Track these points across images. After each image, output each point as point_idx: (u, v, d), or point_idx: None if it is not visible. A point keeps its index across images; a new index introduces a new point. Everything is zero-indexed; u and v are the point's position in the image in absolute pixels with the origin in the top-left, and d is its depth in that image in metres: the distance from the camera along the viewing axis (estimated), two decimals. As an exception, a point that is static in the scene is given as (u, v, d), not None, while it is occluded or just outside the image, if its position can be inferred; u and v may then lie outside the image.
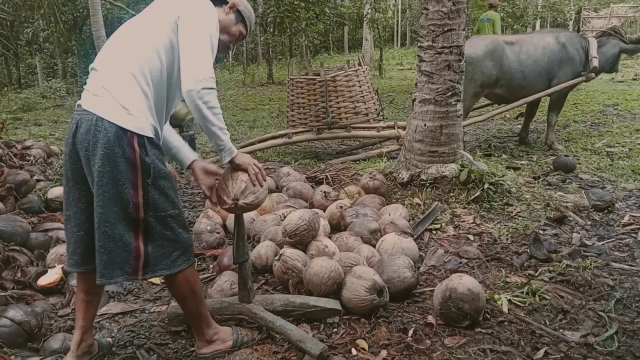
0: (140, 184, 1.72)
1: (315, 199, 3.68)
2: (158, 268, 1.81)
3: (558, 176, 4.65)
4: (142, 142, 1.71)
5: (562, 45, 5.54)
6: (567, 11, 20.47)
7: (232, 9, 2.07)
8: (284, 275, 2.58)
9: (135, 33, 1.84)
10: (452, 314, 2.22)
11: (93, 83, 1.80)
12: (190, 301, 1.95)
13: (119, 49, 1.82)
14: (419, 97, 3.90)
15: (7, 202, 3.42)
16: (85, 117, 1.72)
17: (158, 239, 1.80)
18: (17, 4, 14.76)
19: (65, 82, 14.35)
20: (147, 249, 1.78)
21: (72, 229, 1.84)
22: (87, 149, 1.69)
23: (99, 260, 1.75)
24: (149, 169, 1.73)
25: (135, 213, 1.73)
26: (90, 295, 1.95)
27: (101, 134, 1.67)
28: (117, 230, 1.72)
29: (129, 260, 1.75)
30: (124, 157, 1.68)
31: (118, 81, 1.74)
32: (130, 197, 1.71)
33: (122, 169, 1.69)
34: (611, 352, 2.05)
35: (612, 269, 2.78)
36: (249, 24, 2.14)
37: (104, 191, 1.69)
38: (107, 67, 1.80)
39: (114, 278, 1.76)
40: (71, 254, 1.86)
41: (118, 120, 1.69)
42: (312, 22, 14.35)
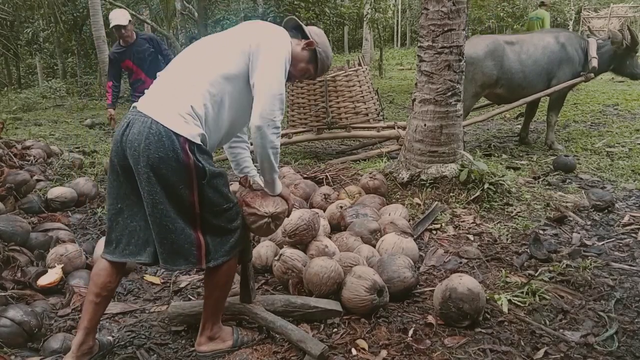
0: (196, 184, 1.81)
1: (315, 201, 3.68)
2: (219, 255, 1.92)
3: (558, 176, 4.65)
4: (192, 148, 1.78)
5: (562, 45, 5.55)
6: (567, 11, 20.46)
7: (309, 46, 2.09)
8: (284, 275, 2.58)
9: (210, 54, 1.93)
10: (452, 314, 2.22)
11: (156, 90, 1.90)
12: (221, 292, 2.04)
13: (190, 64, 1.92)
14: (419, 97, 3.90)
15: (7, 202, 3.42)
16: (139, 118, 1.80)
17: (215, 230, 1.91)
18: (17, 4, 14.76)
19: (65, 82, 14.33)
20: (206, 239, 1.89)
21: (124, 220, 1.91)
22: (137, 149, 1.75)
23: (162, 249, 1.86)
24: (203, 171, 1.81)
25: (192, 210, 1.83)
26: (101, 297, 1.96)
27: (155, 137, 1.74)
28: (178, 224, 1.82)
29: (192, 251, 1.86)
30: (178, 160, 1.76)
31: (178, 93, 1.83)
32: (186, 196, 1.80)
33: (177, 172, 1.77)
34: (611, 352, 2.05)
35: (612, 269, 2.78)
36: (321, 67, 2.16)
37: (159, 189, 1.77)
38: (173, 79, 1.90)
39: (178, 266, 1.89)
40: (126, 244, 1.92)
41: (173, 125, 1.76)
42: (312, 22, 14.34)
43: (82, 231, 3.55)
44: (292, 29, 2.15)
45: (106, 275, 1.95)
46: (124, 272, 2.13)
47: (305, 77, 2.23)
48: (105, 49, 9.24)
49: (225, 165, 5.49)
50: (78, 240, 3.29)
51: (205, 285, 2.05)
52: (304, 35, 2.11)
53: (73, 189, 3.92)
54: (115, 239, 1.94)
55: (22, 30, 15.69)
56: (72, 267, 2.82)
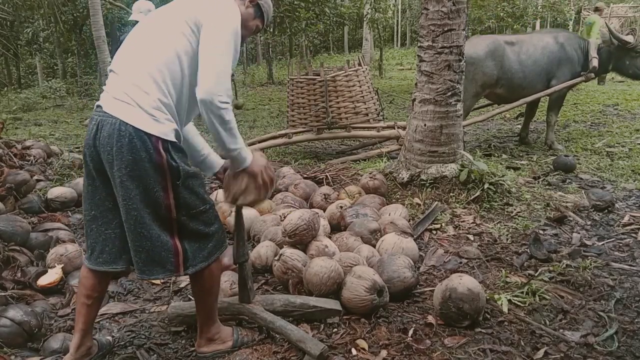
0: (170, 186, 1.74)
1: (315, 201, 3.68)
2: (197, 261, 1.86)
3: (558, 176, 4.65)
4: (166, 147, 1.72)
5: (561, 45, 5.56)
6: (567, 11, 20.45)
7: (252, 2, 2.02)
8: (284, 275, 2.58)
9: (156, 34, 1.82)
10: (452, 314, 2.22)
11: (114, 86, 1.79)
12: (209, 296, 2.00)
13: (139, 51, 1.81)
14: (419, 97, 3.90)
15: (7, 202, 3.42)
16: (107, 120, 1.71)
17: (192, 235, 1.84)
18: (17, 4, 14.75)
19: (65, 82, 14.33)
20: (184, 245, 1.82)
21: (99, 228, 1.84)
22: (110, 153, 1.69)
23: (137, 258, 1.79)
24: (177, 171, 1.74)
25: (168, 213, 1.76)
26: (92, 299, 1.93)
27: (126, 139, 1.67)
28: (153, 231, 1.75)
29: (169, 258, 1.80)
30: (151, 161, 1.69)
31: (140, 86, 1.73)
32: (161, 199, 1.74)
33: (151, 173, 1.70)
34: (611, 352, 2.05)
35: (612, 269, 2.78)
36: (267, 17, 2.09)
37: (134, 194, 1.70)
38: (127, 71, 1.78)
39: (154, 274, 1.82)
40: (99, 252, 1.85)
41: (143, 125, 1.69)
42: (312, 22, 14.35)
43: (82, 231, 3.55)
44: None
45: (92, 278, 1.92)
46: (110, 275, 2.03)
47: (255, 33, 2.13)
48: (105, 49, 9.23)
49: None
50: (78, 240, 3.29)
51: (193, 292, 2.03)
52: None
53: (73, 189, 3.92)
54: (91, 246, 1.87)
55: (22, 30, 15.68)
56: (72, 267, 2.82)
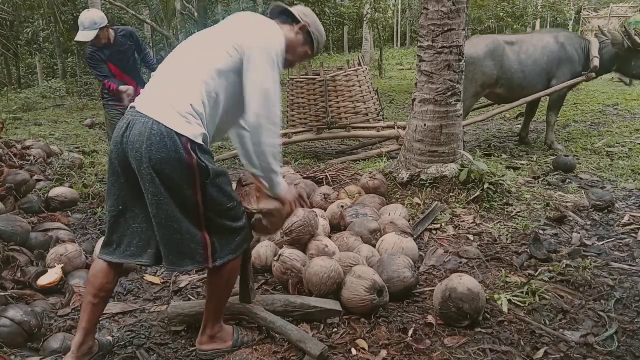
0: (199, 184, 1.79)
1: (315, 201, 3.68)
2: (225, 254, 1.91)
3: (558, 176, 4.65)
4: (194, 148, 1.77)
5: (561, 45, 5.55)
6: (567, 11, 20.44)
7: (302, 30, 2.08)
8: (284, 275, 2.58)
9: (200, 50, 1.92)
10: (452, 314, 2.22)
11: (153, 90, 1.89)
12: (224, 291, 2.04)
13: (183, 62, 1.91)
14: (419, 97, 3.90)
15: (7, 202, 3.42)
16: (139, 119, 1.78)
17: (220, 230, 1.90)
18: (17, 4, 14.74)
19: (65, 82, 14.32)
20: (212, 239, 1.88)
21: (126, 221, 1.90)
22: (139, 151, 1.74)
23: (167, 250, 1.85)
24: (207, 170, 1.80)
25: (197, 210, 1.83)
26: (99, 298, 1.95)
27: (157, 137, 1.73)
28: (184, 224, 1.81)
29: (198, 251, 1.86)
30: (181, 160, 1.74)
31: (178, 92, 1.81)
32: (190, 196, 1.80)
33: (180, 172, 1.76)
34: (611, 352, 2.05)
35: (612, 269, 2.78)
36: (317, 46, 2.15)
37: (163, 190, 1.76)
38: (169, 78, 1.89)
39: (184, 266, 1.89)
40: (127, 245, 1.92)
41: (175, 126, 1.75)
42: (312, 22, 14.34)
43: (82, 231, 3.56)
44: (279, 15, 2.11)
45: (103, 277, 1.95)
46: (121, 273, 2.11)
47: (306, 59, 2.21)
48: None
49: (225, 165, 5.49)
50: (78, 240, 3.29)
51: (208, 285, 2.05)
52: (294, 19, 2.08)
53: (74, 190, 3.93)
54: (117, 240, 1.93)
55: (22, 30, 15.67)
56: (72, 267, 2.82)
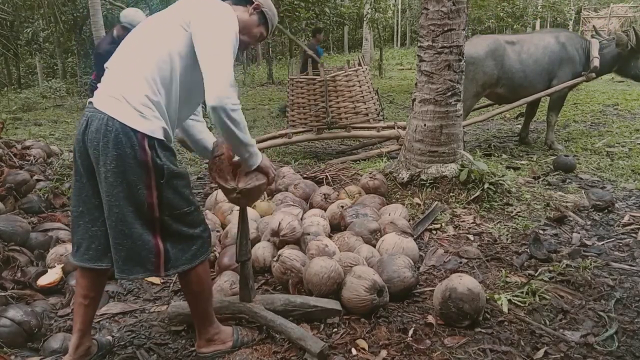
0: (154, 184, 1.73)
1: (315, 201, 3.68)
2: (179, 263, 1.84)
3: (558, 176, 4.65)
4: (152, 144, 1.72)
5: (562, 45, 5.55)
6: (567, 11, 20.46)
7: (256, 9, 2.03)
8: (283, 275, 2.58)
9: (150, 35, 1.84)
10: (452, 314, 2.22)
11: (107, 83, 1.81)
12: (199, 298, 1.98)
13: (133, 50, 1.83)
14: (419, 97, 3.90)
15: (7, 202, 3.42)
16: (96, 115, 1.73)
17: (175, 236, 1.82)
18: (17, 4, 14.74)
19: (65, 82, 14.32)
20: (166, 246, 1.80)
21: (85, 224, 1.84)
22: (97, 148, 1.70)
23: (117, 256, 1.77)
24: (162, 170, 1.74)
25: (151, 212, 1.75)
26: (89, 299, 1.93)
27: (112, 134, 1.68)
28: (135, 229, 1.74)
29: (149, 258, 1.78)
30: (135, 158, 1.69)
31: (131, 83, 1.74)
32: (144, 197, 1.73)
33: (135, 170, 1.70)
34: (611, 352, 2.05)
35: (612, 269, 2.78)
36: (271, 25, 2.11)
37: (117, 191, 1.70)
38: (121, 68, 1.81)
39: (133, 274, 1.80)
40: (85, 249, 1.85)
41: (129, 121, 1.69)
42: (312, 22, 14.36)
43: (82, 231, 3.55)
44: None
45: (87, 278, 1.92)
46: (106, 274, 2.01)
47: (260, 40, 2.14)
48: (105, 49, 9.21)
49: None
50: (78, 240, 3.28)
51: (183, 292, 2.02)
52: (247, 1, 2.02)
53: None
54: (77, 242, 1.87)
55: (22, 30, 15.67)
56: (72, 267, 2.80)
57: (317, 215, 3.31)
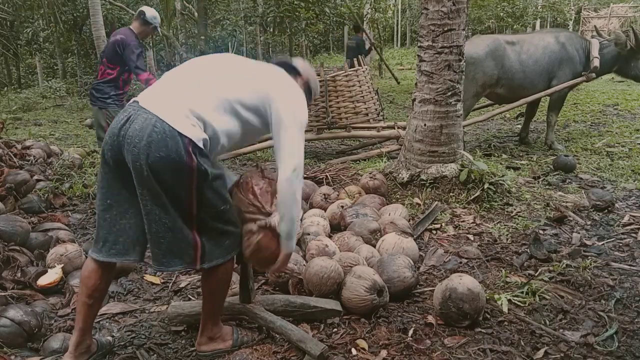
0: (195, 186, 1.78)
1: (315, 201, 3.68)
2: (214, 257, 1.90)
3: (558, 176, 4.65)
4: (195, 151, 1.76)
5: (562, 45, 5.55)
6: (567, 11, 20.46)
7: (305, 84, 2.16)
8: (279, 278, 2.59)
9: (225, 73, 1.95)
10: (452, 314, 2.22)
11: (162, 88, 1.90)
12: (218, 294, 2.03)
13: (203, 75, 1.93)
14: (419, 97, 3.90)
15: (7, 202, 3.42)
16: (141, 114, 1.76)
17: (211, 232, 1.89)
18: (17, 4, 14.74)
19: (65, 82, 14.31)
20: (202, 240, 1.86)
21: (113, 217, 1.86)
22: (137, 146, 1.71)
23: (157, 249, 1.83)
24: (205, 173, 1.79)
25: (189, 210, 1.81)
26: (93, 299, 1.94)
27: (158, 135, 1.71)
28: (177, 223, 1.80)
29: (188, 251, 1.84)
30: (181, 161, 1.73)
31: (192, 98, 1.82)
32: (184, 197, 1.78)
33: (177, 172, 1.74)
34: (611, 352, 2.05)
35: (612, 269, 2.78)
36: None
37: (158, 188, 1.74)
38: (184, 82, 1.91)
39: (172, 266, 1.87)
40: (112, 243, 1.87)
41: (179, 126, 1.74)
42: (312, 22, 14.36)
43: (82, 231, 3.55)
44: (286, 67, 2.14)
45: (96, 278, 1.92)
46: (114, 272, 2.05)
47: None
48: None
49: (225, 164, 5.48)
50: (78, 240, 3.29)
51: (203, 287, 2.04)
52: (297, 72, 2.15)
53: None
54: (103, 237, 1.89)
55: (22, 30, 15.67)
56: (72, 267, 2.81)
57: (317, 215, 3.31)
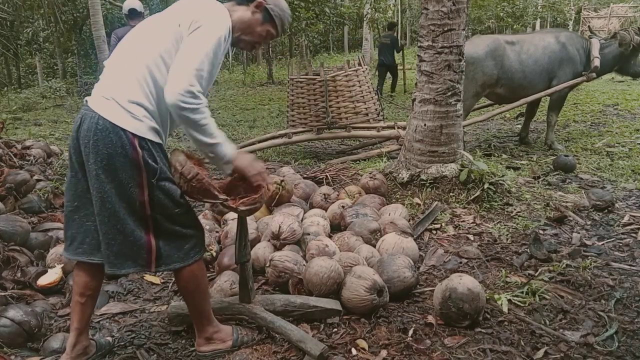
0: (146, 183, 1.75)
1: (315, 201, 3.68)
2: (171, 261, 1.85)
3: (558, 176, 4.65)
4: (143, 144, 1.73)
5: (563, 45, 5.55)
6: (567, 11, 20.47)
7: (258, 8, 1.98)
8: (279, 278, 2.59)
9: (144, 37, 1.85)
10: (452, 313, 2.22)
11: (102, 82, 1.84)
12: (195, 296, 1.98)
13: (127, 52, 1.84)
14: (419, 97, 3.90)
15: (7, 202, 3.42)
16: (88, 114, 1.76)
17: (167, 234, 1.84)
18: (17, 4, 14.74)
19: (65, 82, 14.33)
20: (158, 243, 1.82)
21: (80, 219, 1.86)
22: (87, 146, 1.72)
23: (108, 251, 1.79)
24: (154, 170, 1.75)
25: (143, 210, 1.77)
26: (86, 297, 1.94)
27: (102, 133, 1.70)
28: (127, 225, 1.76)
29: (141, 254, 1.80)
30: (127, 157, 1.70)
31: (123, 84, 1.77)
32: (135, 195, 1.74)
33: (126, 169, 1.71)
34: (611, 352, 2.05)
35: (612, 269, 2.78)
36: (280, 23, 2.05)
37: (109, 188, 1.72)
38: (114, 69, 1.84)
39: (124, 268, 1.82)
40: (79, 243, 1.87)
41: (119, 121, 1.71)
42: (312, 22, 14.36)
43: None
44: None
45: (84, 275, 1.93)
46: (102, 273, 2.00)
47: (270, 39, 2.11)
48: (105, 49, 9.21)
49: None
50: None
51: (179, 290, 2.03)
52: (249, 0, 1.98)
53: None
54: (71, 236, 1.89)
55: (22, 30, 15.67)
56: (72, 267, 2.78)
57: (318, 215, 3.31)
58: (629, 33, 5.54)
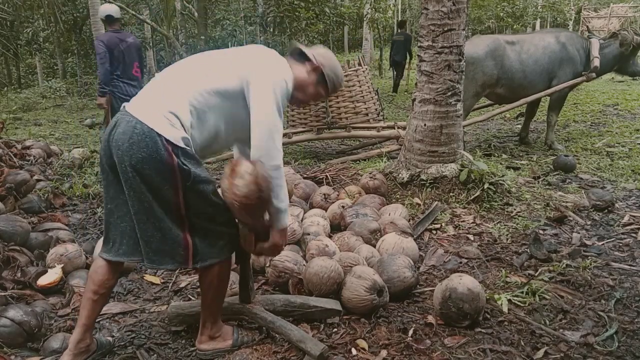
0: (181, 185, 1.80)
1: (315, 201, 3.68)
2: (207, 257, 1.91)
3: (558, 176, 4.65)
4: (176, 152, 1.78)
5: (563, 45, 5.55)
6: (567, 11, 20.47)
7: (315, 70, 2.08)
8: (279, 278, 2.59)
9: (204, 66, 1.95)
10: (452, 313, 2.22)
11: (146, 91, 1.93)
12: (215, 292, 2.03)
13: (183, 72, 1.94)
14: (419, 97, 3.90)
15: (7, 202, 3.42)
16: (125, 118, 1.82)
17: (203, 232, 1.90)
18: (17, 4, 14.74)
19: (65, 82, 14.34)
20: (194, 240, 1.88)
21: (115, 221, 1.93)
22: (120, 148, 1.76)
23: (147, 248, 1.86)
24: (188, 173, 1.80)
25: (178, 211, 1.83)
26: (99, 295, 1.97)
27: (139, 137, 1.75)
28: (164, 223, 1.82)
29: (178, 251, 1.87)
30: (161, 161, 1.75)
31: (168, 97, 1.84)
32: (171, 197, 1.80)
33: (160, 172, 1.77)
34: (611, 352, 2.05)
35: (612, 269, 2.78)
36: (332, 87, 2.13)
37: (145, 189, 1.77)
38: (165, 83, 1.92)
39: (164, 264, 1.90)
40: (119, 245, 1.93)
41: (157, 126, 1.76)
42: (312, 22, 14.34)
43: (82, 231, 3.55)
44: (297, 54, 2.12)
45: (103, 274, 1.97)
46: (121, 271, 2.12)
47: (319, 99, 2.24)
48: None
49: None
50: (78, 240, 3.29)
51: (200, 286, 2.06)
52: (307, 59, 2.09)
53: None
54: (112, 238, 1.95)
55: (22, 30, 15.68)
56: (72, 267, 2.82)
57: (318, 215, 3.31)
58: (630, 33, 5.55)
